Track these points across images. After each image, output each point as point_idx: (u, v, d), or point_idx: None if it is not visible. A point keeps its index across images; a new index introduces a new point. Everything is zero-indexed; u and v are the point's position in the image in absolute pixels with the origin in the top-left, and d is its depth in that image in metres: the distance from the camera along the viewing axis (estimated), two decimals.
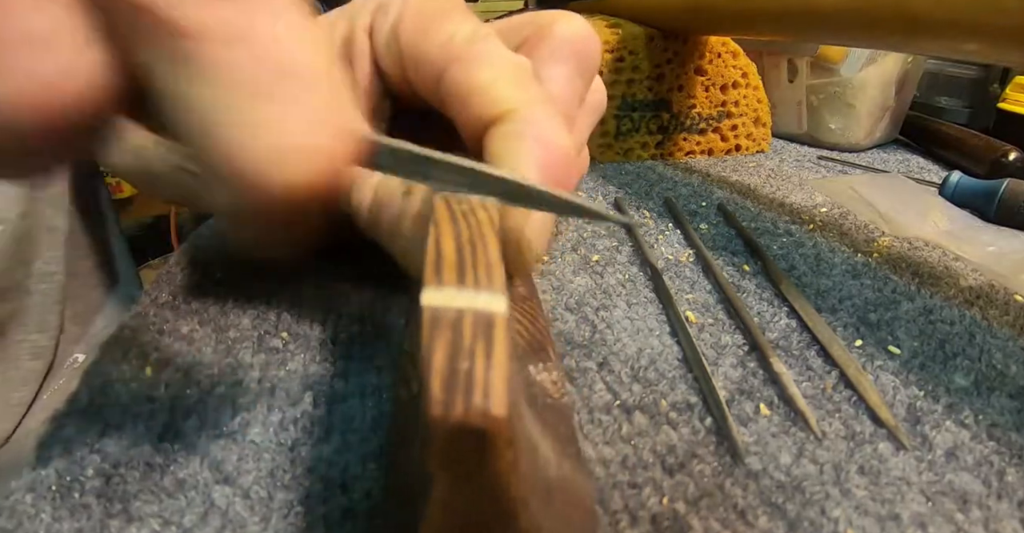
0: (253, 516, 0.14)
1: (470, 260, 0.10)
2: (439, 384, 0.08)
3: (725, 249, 0.29)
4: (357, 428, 0.17)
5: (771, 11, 0.31)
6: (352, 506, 0.15)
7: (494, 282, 0.10)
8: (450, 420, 0.08)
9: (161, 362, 0.20)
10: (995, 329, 0.22)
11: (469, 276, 0.10)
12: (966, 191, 0.36)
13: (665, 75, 0.41)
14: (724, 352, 0.21)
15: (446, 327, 0.09)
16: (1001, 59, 0.32)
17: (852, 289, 0.25)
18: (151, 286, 0.24)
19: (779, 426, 0.18)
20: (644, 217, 0.33)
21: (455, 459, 0.08)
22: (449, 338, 0.09)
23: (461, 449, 0.08)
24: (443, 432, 0.08)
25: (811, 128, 0.49)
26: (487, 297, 0.09)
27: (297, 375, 0.19)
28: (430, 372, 0.08)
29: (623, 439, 0.17)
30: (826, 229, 0.32)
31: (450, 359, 0.08)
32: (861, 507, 0.15)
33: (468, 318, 0.09)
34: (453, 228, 0.11)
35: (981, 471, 0.16)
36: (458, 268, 0.10)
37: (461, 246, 0.11)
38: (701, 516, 0.14)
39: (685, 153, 0.45)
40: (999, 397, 0.19)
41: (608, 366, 0.20)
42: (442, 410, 0.08)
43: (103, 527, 0.14)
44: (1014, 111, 0.45)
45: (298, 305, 0.23)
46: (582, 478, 0.13)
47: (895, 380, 0.20)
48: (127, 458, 0.16)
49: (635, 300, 0.24)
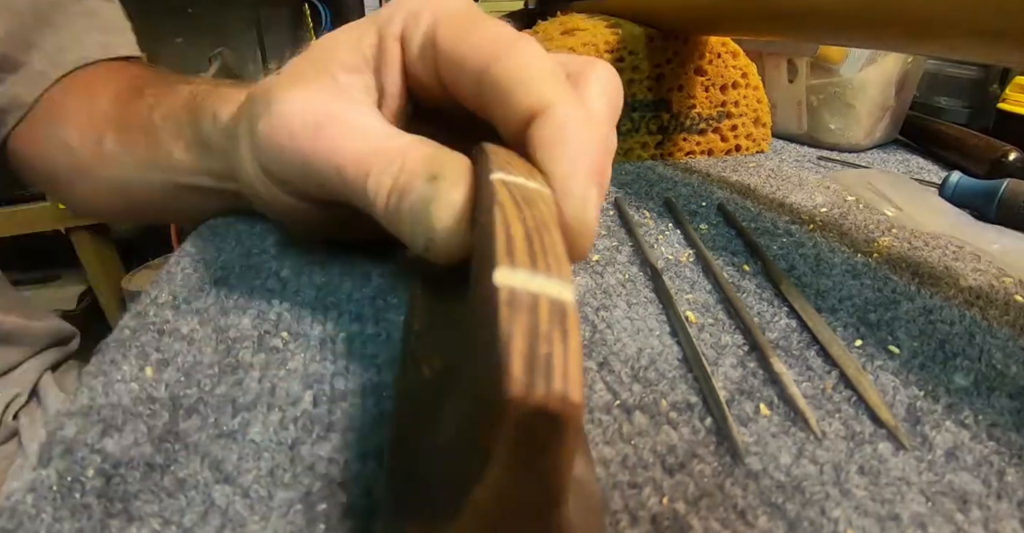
0: (253, 515, 0.14)
1: (539, 247, 0.10)
2: (520, 365, 0.08)
3: (725, 249, 0.29)
4: (357, 426, 0.17)
5: (771, 11, 0.31)
6: (352, 504, 0.15)
7: (564, 272, 0.10)
8: (530, 402, 0.08)
9: (161, 362, 0.20)
10: (995, 329, 0.22)
11: (540, 262, 0.10)
12: (966, 191, 0.36)
13: (665, 75, 0.41)
14: (724, 352, 0.21)
15: (524, 309, 0.09)
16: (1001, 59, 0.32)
17: (852, 289, 0.25)
18: (151, 286, 0.25)
19: (779, 426, 0.18)
20: (644, 217, 0.33)
21: (524, 442, 0.08)
22: (527, 321, 0.08)
23: (534, 432, 0.08)
24: (519, 414, 0.08)
25: (811, 128, 0.49)
26: (558, 285, 0.09)
27: (297, 374, 0.19)
28: (510, 353, 0.08)
29: (623, 439, 0.17)
30: (826, 229, 0.32)
31: (530, 342, 0.08)
32: (861, 507, 0.15)
33: (544, 303, 0.09)
34: (519, 213, 0.11)
35: (981, 471, 0.16)
36: (529, 253, 0.10)
37: (529, 232, 0.11)
38: (701, 516, 0.14)
39: (685, 153, 0.45)
40: (999, 397, 0.19)
41: (608, 366, 0.20)
42: (523, 391, 0.08)
43: (103, 527, 0.14)
44: (1014, 111, 0.45)
45: (298, 305, 0.23)
46: (594, 484, 0.13)
47: (895, 380, 0.20)
48: (127, 458, 0.16)
49: (635, 300, 0.24)
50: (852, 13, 0.26)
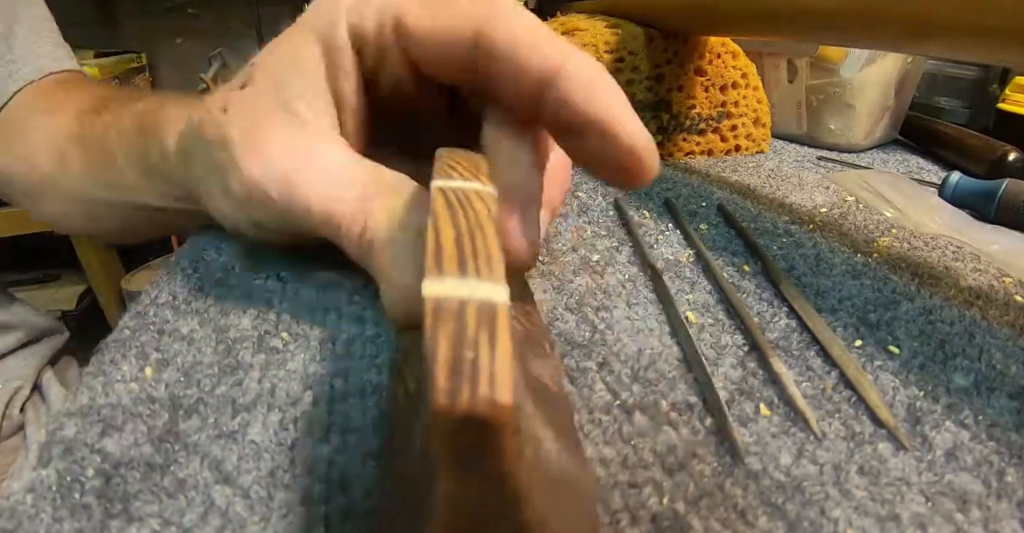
0: (253, 516, 0.14)
1: (470, 250, 0.10)
2: (444, 374, 0.08)
3: (725, 249, 0.29)
4: (357, 427, 0.17)
5: (771, 11, 0.31)
6: (352, 506, 0.15)
7: (495, 272, 0.10)
8: (456, 409, 0.08)
9: (161, 362, 0.20)
10: (995, 329, 0.22)
11: (470, 266, 0.10)
12: (965, 191, 0.36)
13: (665, 75, 0.41)
14: (724, 352, 0.21)
15: (449, 317, 0.09)
16: (1001, 59, 0.32)
17: (852, 289, 0.25)
18: (151, 286, 0.24)
19: (779, 426, 0.18)
20: (644, 217, 0.33)
21: (461, 449, 0.08)
22: (452, 328, 0.08)
23: (467, 439, 0.08)
24: (449, 422, 0.08)
25: (811, 128, 0.49)
26: (489, 287, 0.09)
27: (297, 375, 0.19)
28: (435, 362, 0.08)
29: (623, 439, 0.17)
30: (826, 229, 0.32)
31: (454, 349, 0.08)
32: (861, 507, 0.15)
33: (471, 308, 0.09)
34: (451, 217, 0.11)
35: (981, 471, 0.16)
36: (459, 258, 0.10)
37: (460, 236, 0.11)
38: (701, 516, 0.14)
39: (685, 153, 0.45)
40: (999, 397, 0.19)
41: (608, 366, 0.20)
42: (448, 399, 0.08)
43: (103, 527, 0.14)
44: (1014, 111, 0.45)
45: (298, 305, 0.23)
46: (583, 473, 0.13)
47: (895, 380, 0.20)
48: (127, 458, 0.16)
49: (635, 300, 0.24)
50: (851, 13, 0.26)
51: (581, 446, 0.15)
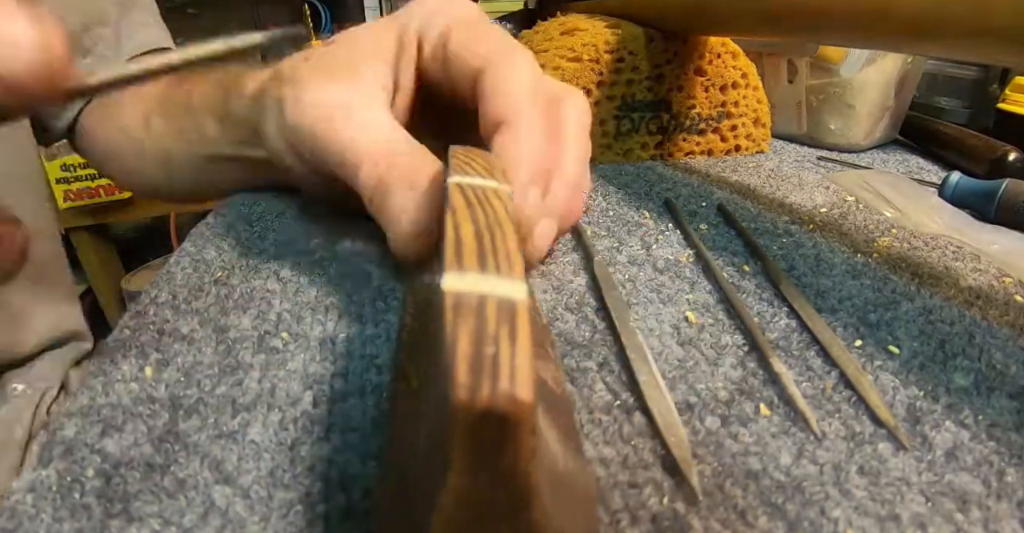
0: (253, 516, 0.14)
1: (490, 247, 0.10)
2: (464, 369, 0.08)
3: (725, 249, 0.29)
4: (357, 427, 0.17)
5: (771, 11, 0.31)
6: (352, 505, 0.15)
7: (515, 269, 0.10)
8: (476, 405, 0.08)
9: (161, 362, 0.20)
10: (995, 329, 0.22)
11: (490, 262, 0.10)
12: (965, 191, 0.36)
13: (665, 75, 0.41)
14: (724, 352, 0.21)
15: (470, 313, 0.09)
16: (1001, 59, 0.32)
17: (852, 289, 0.25)
18: (151, 286, 0.25)
19: (779, 426, 0.18)
20: (644, 217, 0.33)
21: (477, 445, 0.08)
22: (473, 324, 0.08)
23: (485, 434, 0.08)
24: (469, 416, 0.08)
25: (811, 128, 0.49)
26: (509, 284, 0.09)
27: (297, 375, 0.19)
28: (455, 357, 0.08)
29: (623, 439, 0.17)
30: (826, 229, 0.32)
31: (475, 344, 0.08)
32: (861, 507, 0.15)
33: (491, 304, 0.09)
34: (470, 214, 0.11)
35: (981, 471, 0.16)
36: (479, 254, 0.10)
37: (480, 232, 0.11)
38: (701, 516, 0.14)
39: (685, 153, 0.45)
40: (999, 397, 0.19)
41: (608, 366, 0.20)
42: (468, 394, 0.08)
43: (103, 527, 0.14)
44: (1014, 111, 0.45)
45: (298, 305, 0.23)
46: (584, 474, 0.13)
47: (895, 380, 0.20)
48: (127, 458, 0.16)
49: (635, 300, 0.24)
50: (851, 13, 0.26)
51: (582, 447, 0.15)
